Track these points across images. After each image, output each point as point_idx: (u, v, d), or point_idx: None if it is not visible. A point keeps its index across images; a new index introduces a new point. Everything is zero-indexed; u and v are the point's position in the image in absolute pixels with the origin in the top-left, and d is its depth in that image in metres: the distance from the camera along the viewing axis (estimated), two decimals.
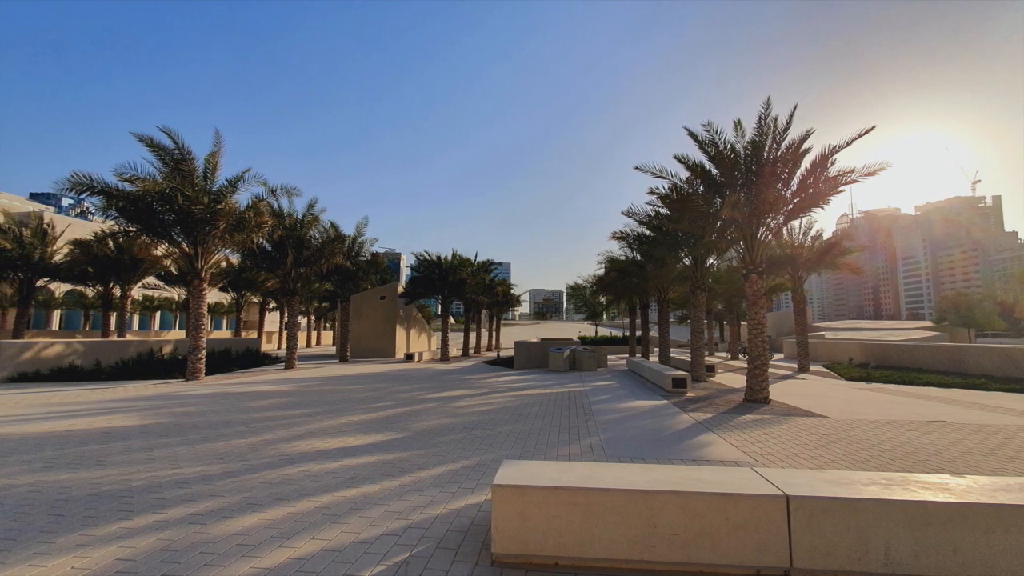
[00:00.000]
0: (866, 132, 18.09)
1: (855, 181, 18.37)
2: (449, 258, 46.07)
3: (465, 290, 45.93)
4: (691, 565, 5.37)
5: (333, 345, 72.66)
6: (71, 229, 48.26)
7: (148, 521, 6.92)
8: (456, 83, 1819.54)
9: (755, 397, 18.41)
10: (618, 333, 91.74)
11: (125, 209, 24.39)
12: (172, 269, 47.67)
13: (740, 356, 47.36)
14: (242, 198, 27.27)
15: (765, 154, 18.97)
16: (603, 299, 72.40)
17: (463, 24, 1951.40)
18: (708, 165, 20.15)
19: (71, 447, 11.23)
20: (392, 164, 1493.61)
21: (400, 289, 51.11)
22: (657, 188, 22.50)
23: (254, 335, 64.79)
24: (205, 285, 26.48)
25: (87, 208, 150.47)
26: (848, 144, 18.03)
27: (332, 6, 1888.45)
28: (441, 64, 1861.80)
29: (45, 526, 6.78)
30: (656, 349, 41.12)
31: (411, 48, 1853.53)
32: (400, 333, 50.41)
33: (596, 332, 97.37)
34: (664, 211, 26.40)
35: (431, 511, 7.34)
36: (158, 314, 74.73)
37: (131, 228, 25.97)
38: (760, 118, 18.82)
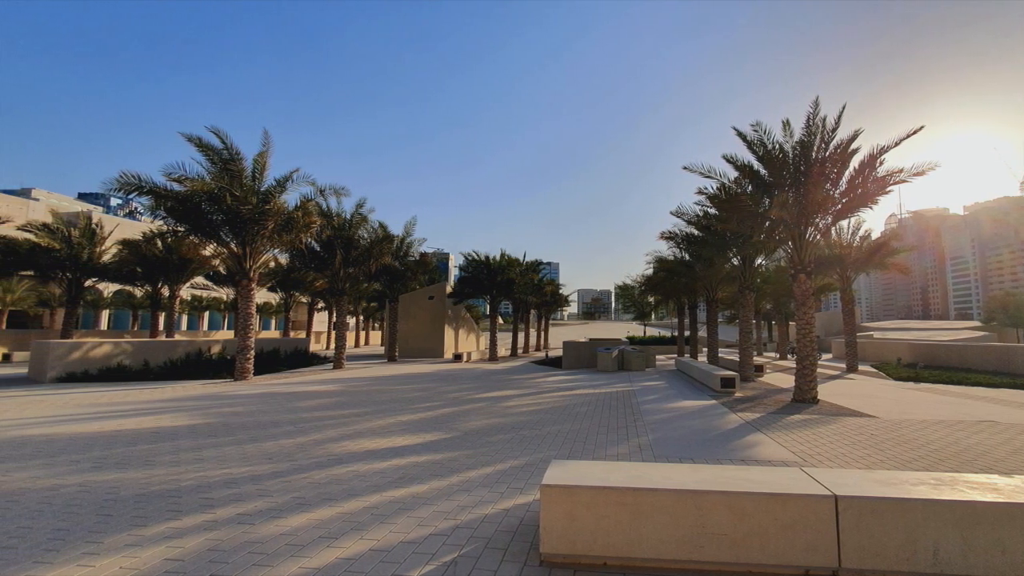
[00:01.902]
0: (914, 132, 17.84)
1: (903, 181, 18.20)
2: (497, 258, 45.94)
3: (513, 290, 45.84)
4: (740, 565, 5.39)
5: (381, 345, 72.58)
6: (119, 229, 49.22)
7: (197, 521, 7.00)
8: (505, 83, 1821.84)
9: (803, 397, 18.30)
10: (667, 333, 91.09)
11: (173, 209, 24.55)
12: (220, 269, 47.89)
13: (788, 356, 46.82)
14: (290, 198, 27.39)
15: (813, 154, 18.79)
16: (651, 299, 71.57)
17: (512, 24, 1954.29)
18: (756, 165, 20.07)
19: (120, 447, 11.37)
20: (440, 164, 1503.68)
21: (448, 289, 50.92)
22: (705, 188, 22.46)
23: (302, 335, 65.22)
24: (253, 285, 26.61)
25: (135, 208, 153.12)
26: (896, 144, 17.87)
27: (380, 6, 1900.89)
28: (490, 64, 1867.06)
29: (94, 526, 6.85)
30: (704, 349, 40.90)
31: (460, 48, 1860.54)
32: (448, 333, 50.35)
33: (645, 332, 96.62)
34: (712, 211, 26.30)
35: (479, 511, 7.39)
36: (206, 314, 75.88)
37: (179, 228, 26.21)
38: (808, 118, 18.65)
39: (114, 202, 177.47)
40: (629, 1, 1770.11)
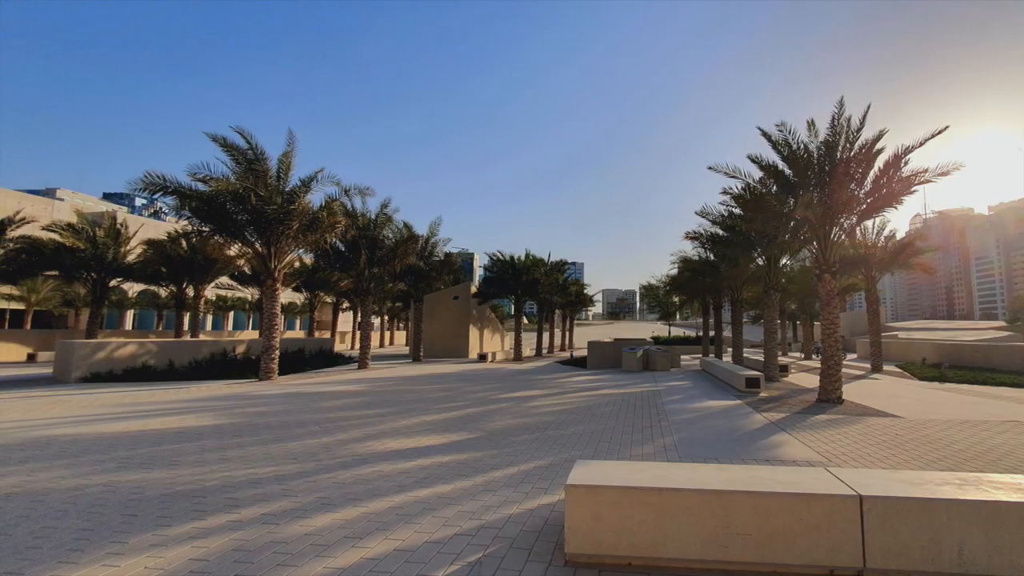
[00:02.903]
0: (939, 132, 17.75)
1: (928, 181, 18.11)
2: (522, 258, 45.90)
3: (538, 290, 45.72)
4: (764, 565, 5.41)
5: (406, 345, 72.51)
6: (144, 229, 49.26)
7: (222, 521, 7.03)
8: (526, 82, 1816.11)
9: (828, 397, 18.21)
10: (691, 333, 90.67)
11: (198, 209, 24.66)
12: (245, 269, 47.25)
13: (813, 356, 46.56)
14: (315, 198, 27.41)
15: (838, 154, 18.72)
16: (676, 299, 71.12)
17: (532, 24, 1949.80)
18: (781, 165, 20.00)
19: (144, 447, 11.40)
20: (464, 164, 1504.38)
21: (473, 289, 50.92)
22: (730, 188, 22.41)
23: (327, 335, 65.28)
24: (278, 285, 26.63)
25: (160, 208, 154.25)
26: (921, 144, 17.77)
27: (400, 7, 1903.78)
28: (510, 64, 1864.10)
29: (118, 526, 6.87)
30: (729, 349, 40.79)
31: (480, 48, 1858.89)
32: (473, 333, 50.30)
33: (669, 332, 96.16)
34: (737, 211, 26.25)
35: (504, 511, 7.40)
36: (231, 314, 76.51)
37: (204, 228, 26.19)
38: (833, 118, 18.63)
39: (139, 202, 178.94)
40: (649, 1, 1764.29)
